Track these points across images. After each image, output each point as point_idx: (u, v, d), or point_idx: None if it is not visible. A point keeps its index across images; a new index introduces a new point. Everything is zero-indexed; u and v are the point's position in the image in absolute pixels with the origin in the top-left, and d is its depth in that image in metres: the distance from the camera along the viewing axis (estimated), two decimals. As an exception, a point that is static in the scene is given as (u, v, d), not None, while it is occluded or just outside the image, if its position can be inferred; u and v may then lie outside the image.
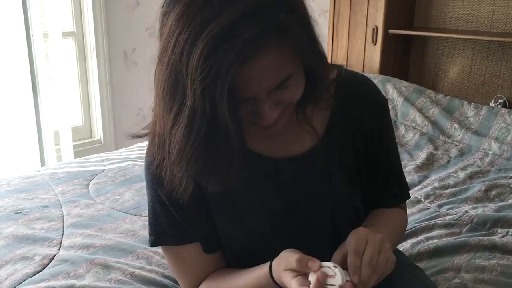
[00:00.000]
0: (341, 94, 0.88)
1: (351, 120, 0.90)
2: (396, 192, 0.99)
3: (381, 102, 0.93)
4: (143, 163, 0.90)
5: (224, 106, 0.65)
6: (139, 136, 0.83)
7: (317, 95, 0.80)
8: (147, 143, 0.84)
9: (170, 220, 0.88)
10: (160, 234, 0.90)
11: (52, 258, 1.27)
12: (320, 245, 0.88)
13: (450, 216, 1.48)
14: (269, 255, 0.81)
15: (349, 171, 0.92)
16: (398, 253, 1.05)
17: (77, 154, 2.63)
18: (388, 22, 2.67)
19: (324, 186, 0.90)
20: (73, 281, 1.15)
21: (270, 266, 0.79)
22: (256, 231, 0.90)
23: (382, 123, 0.93)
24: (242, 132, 0.72)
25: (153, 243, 0.91)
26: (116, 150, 2.81)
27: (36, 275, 1.19)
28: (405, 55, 2.89)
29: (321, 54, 0.76)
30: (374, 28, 2.69)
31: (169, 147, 0.71)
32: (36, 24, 2.35)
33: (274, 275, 0.79)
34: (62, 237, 1.39)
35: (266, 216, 0.89)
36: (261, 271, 0.82)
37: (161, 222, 0.89)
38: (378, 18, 2.69)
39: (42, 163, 2.49)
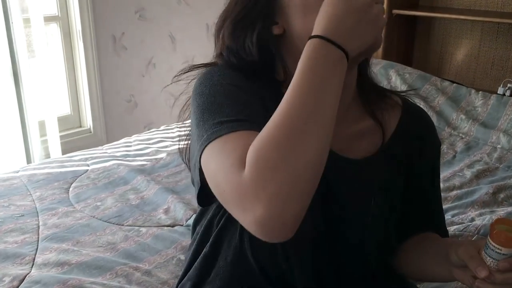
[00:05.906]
0: (407, 118, 0.87)
1: (411, 145, 0.87)
2: (444, 226, 0.95)
3: (439, 141, 0.93)
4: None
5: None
6: None
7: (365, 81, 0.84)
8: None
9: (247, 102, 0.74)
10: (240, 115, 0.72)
11: (23, 279, 1.17)
12: (340, 255, 0.82)
13: (455, 227, 1.37)
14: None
15: (393, 193, 0.85)
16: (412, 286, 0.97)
17: (65, 145, 2.53)
18: (392, 2, 2.51)
19: (365, 200, 0.82)
20: (43, 308, 1.06)
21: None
22: None
23: (437, 160, 0.93)
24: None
25: (231, 127, 0.68)
26: (106, 139, 2.71)
27: (4, 300, 1.11)
28: (410, 37, 2.74)
29: None
30: (377, 8, 2.54)
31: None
32: (16, 8, 2.20)
33: None
34: (35, 253, 1.29)
35: None
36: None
37: (240, 105, 0.74)
38: (381, -3, 2.53)
39: (28, 156, 2.38)
